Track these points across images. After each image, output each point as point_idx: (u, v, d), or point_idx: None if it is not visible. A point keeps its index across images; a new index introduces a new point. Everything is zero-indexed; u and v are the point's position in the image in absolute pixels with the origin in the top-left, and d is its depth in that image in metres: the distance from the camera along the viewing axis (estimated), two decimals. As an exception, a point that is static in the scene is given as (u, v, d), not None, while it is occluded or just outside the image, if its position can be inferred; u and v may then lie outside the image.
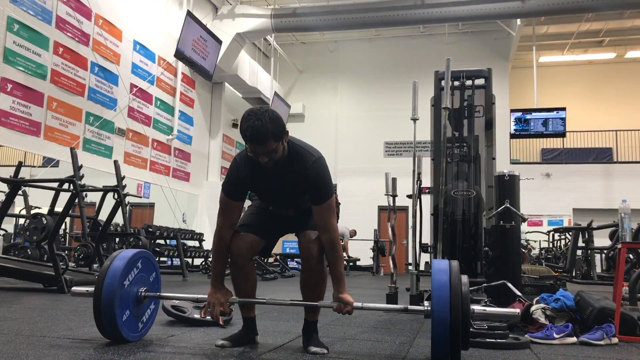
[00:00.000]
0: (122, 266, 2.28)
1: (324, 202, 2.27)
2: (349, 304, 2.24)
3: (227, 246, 2.34)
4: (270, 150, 2.14)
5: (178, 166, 11.67)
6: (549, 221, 14.45)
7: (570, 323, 2.92)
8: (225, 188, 2.33)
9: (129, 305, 2.32)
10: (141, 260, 2.42)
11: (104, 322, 2.24)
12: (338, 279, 2.31)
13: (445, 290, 2.03)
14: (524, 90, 15.99)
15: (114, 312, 2.21)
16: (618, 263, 3.22)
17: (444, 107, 4.38)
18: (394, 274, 4.44)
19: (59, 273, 4.77)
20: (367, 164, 15.20)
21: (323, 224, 2.29)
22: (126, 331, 2.29)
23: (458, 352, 2.05)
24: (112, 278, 2.25)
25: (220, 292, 2.33)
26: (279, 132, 2.14)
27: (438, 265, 2.16)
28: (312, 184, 2.27)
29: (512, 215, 4.36)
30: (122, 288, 2.27)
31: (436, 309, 2.02)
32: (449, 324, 1.99)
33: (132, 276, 2.34)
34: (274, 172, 2.27)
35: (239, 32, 12.24)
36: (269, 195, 2.42)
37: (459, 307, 2.00)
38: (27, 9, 7.50)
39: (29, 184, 5.91)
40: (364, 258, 12.91)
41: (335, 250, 2.30)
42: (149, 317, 2.50)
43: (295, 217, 2.48)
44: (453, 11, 11.50)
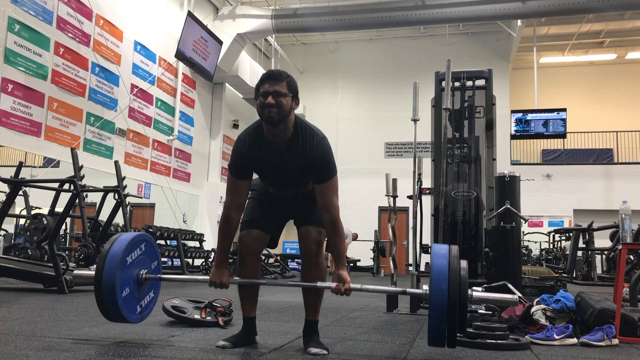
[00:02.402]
0: (124, 244, 2.30)
1: (327, 181, 2.30)
2: (346, 281, 2.23)
3: (234, 227, 2.37)
4: (281, 93, 2.20)
5: (178, 167, 11.67)
6: (550, 222, 14.45)
7: (570, 324, 2.92)
8: (231, 167, 2.36)
9: (129, 283, 2.32)
10: (144, 243, 2.45)
11: (105, 297, 2.22)
12: (338, 256, 2.33)
13: (443, 274, 2.04)
14: (525, 91, 15.99)
15: (115, 286, 2.21)
16: (618, 264, 3.22)
17: (444, 108, 4.38)
18: (394, 274, 4.43)
19: (59, 273, 4.77)
20: (367, 165, 15.20)
21: (325, 202, 2.30)
22: (125, 309, 2.29)
23: (454, 335, 2.06)
24: (114, 255, 2.26)
25: (223, 272, 2.35)
26: (294, 87, 2.27)
27: (437, 249, 2.16)
28: (317, 162, 2.28)
29: (513, 216, 4.36)
30: (124, 265, 2.28)
31: (434, 292, 2.02)
32: (446, 306, 1.99)
33: (134, 256, 2.36)
34: (278, 148, 2.30)
35: (240, 32, 12.24)
36: (271, 174, 2.41)
37: (456, 290, 2.01)
38: (28, 9, 7.51)
39: (30, 184, 5.91)
40: (364, 259, 12.91)
41: (336, 229, 2.31)
42: (148, 302, 2.50)
43: (295, 202, 2.48)
44: (454, 12, 11.50)
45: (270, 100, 2.19)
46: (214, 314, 3.07)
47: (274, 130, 2.27)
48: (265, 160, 2.33)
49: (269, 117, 2.21)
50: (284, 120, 2.24)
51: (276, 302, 4.62)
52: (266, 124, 2.27)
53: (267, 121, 2.24)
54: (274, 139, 2.30)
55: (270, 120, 2.22)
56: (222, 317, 3.06)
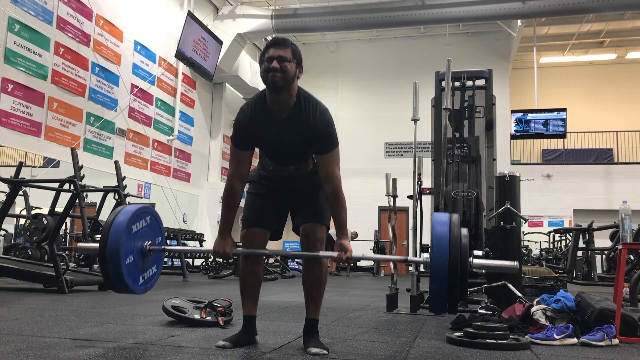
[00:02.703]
0: (130, 213, 2.31)
1: (329, 152, 2.30)
2: (348, 250, 2.25)
3: (237, 197, 2.37)
4: (286, 58, 2.20)
5: (178, 167, 11.68)
6: (550, 222, 14.45)
7: (570, 324, 2.92)
8: (233, 139, 2.36)
9: (133, 252, 2.32)
10: (149, 216, 2.45)
11: (109, 263, 2.22)
12: (341, 227, 2.34)
13: (444, 241, 2.04)
14: (525, 91, 15.99)
15: (119, 252, 2.21)
16: (619, 264, 3.22)
17: (444, 108, 4.38)
18: (394, 274, 4.43)
19: (59, 273, 4.77)
20: (367, 165, 15.20)
21: (327, 173, 2.31)
22: (129, 278, 2.28)
23: (456, 302, 2.06)
24: (120, 222, 2.27)
25: (227, 241, 2.36)
26: (298, 54, 2.28)
27: (438, 217, 2.17)
28: (320, 131, 2.28)
29: (513, 216, 4.37)
30: (129, 233, 2.28)
31: (435, 258, 2.03)
32: (447, 274, 2.00)
33: (139, 226, 2.36)
34: (280, 116, 2.29)
35: (240, 32, 12.24)
36: (272, 146, 2.39)
37: (457, 257, 2.01)
38: (28, 9, 7.51)
39: (30, 184, 5.91)
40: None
41: (338, 200, 2.33)
42: (151, 275, 2.49)
43: (294, 191, 2.46)
44: (454, 12, 11.51)
45: (275, 64, 2.18)
46: (214, 314, 3.07)
47: (277, 98, 2.26)
48: (267, 130, 2.31)
49: (272, 81, 2.19)
50: (288, 86, 2.23)
51: (276, 302, 4.62)
52: (270, 89, 2.25)
53: (271, 86, 2.22)
54: (276, 107, 2.28)
55: (274, 84, 2.20)
56: (222, 317, 3.06)
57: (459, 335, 2.77)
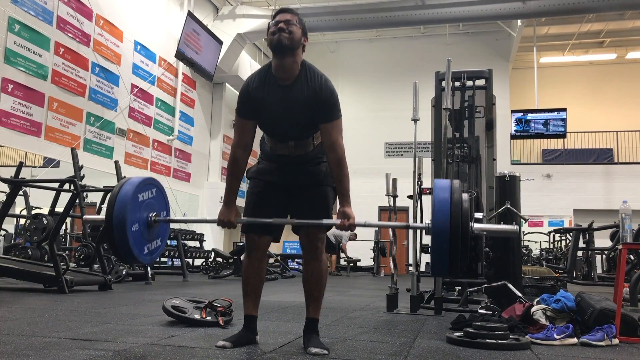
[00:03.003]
0: (137, 183, 2.33)
1: (334, 120, 2.34)
2: (351, 217, 2.29)
3: (241, 166, 2.41)
4: (292, 22, 2.28)
5: (179, 167, 11.68)
6: (550, 222, 14.45)
7: (570, 324, 2.92)
8: (237, 108, 2.41)
9: (139, 221, 2.33)
10: (155, 189, 2.47)
11: (115, 230, 2.23)
12: (343, 195, 2.38)
13: (445, 206, 2.05)
14: (525, 91, 16.00)
15: (125, 219, 2.22)
16: (619, 264, 3.22)
17: (444, 108, 4.38)
18: (394, 274, 4.43)
19: (59, 273, 4.77)
20: (367, 165, 15.19)
21: (331, 141, 2.34)
22: (135, 247, 2.28)
23: (457, 266, 2.07)
24: (126, 190, 2.28)
25: (231, 210, 2.38)
26: (303, 23, 2.36)
27: (440, 183, 2.18)
28: (325, 99, 2.32)
29: (513, 216, 4.36)
30: (136, 201, 2.30)
31: (436, 222, 2.04)
32: (448, 237, 2.01)
33: (145, 196, 2.38)
34: (284, 84, 2.32)
35: (240, 32, 12.24)
36: (274, 116, 2.38)
37: (459, 221, 2.03)
38: (28, 9, 7.51)
39: (30, 184, 5.92)
40: (364, 259, 12.91)
41: (342, 168, 2.39)
42: (156, 247, 2.49)
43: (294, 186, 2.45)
44: (454, 12, 11.51)
45: (282, 25, 2.25)
46: (214, 314, 3.07)
47: (282, 63, 2.28)
48: (271, 96, 2.34)
49: (279, 40, 2.24)
50: (294, 49, 2.27)
51: (276, 302, 4.62)
52: (276, 51, 2.28)
53: (277, 45, 2.25)
54: (281, 74, 2.31)
55: (280, 43, 2.24)
56: (223, 317, 3.06)
57: (459, 335, 2.77)
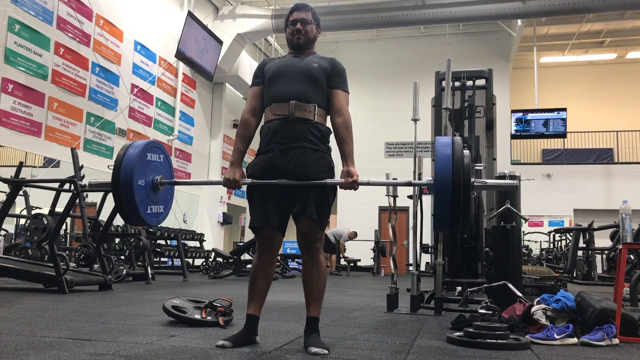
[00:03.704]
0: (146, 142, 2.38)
1: (343, 89, 2.60)
2: (354, 175, 2.37)
3: (250, 129, 2.54)
4: (307, 20, 2.60)
5: (179, 166, 11.68)
6: (550, 222, 14.45)
7: (571, 324, 2.92)
8: (252, 82, 2.64)
9: (145, 177, 2.36)
10: (163, 155, 2.52)
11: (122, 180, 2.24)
12: (347, 155, 2.46)
13: (447, 161, 2.09)
14: (525, 90, 16.00)
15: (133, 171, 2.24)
16: (619, 264, 3.22)
17: (444, 108, 4.38)
18: (394, 274, 4.43)
19: (59, 273, 4.77)
20: (367, 165, 15.12)
21: (339, 105, 2.57)
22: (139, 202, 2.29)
23: (458, 220, 2.11)
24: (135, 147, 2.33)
25: (237, 170, 2.48)
26: (317, 17, 2.69)
27: (441, 140, 2.22)
28: (336, 69, 2.59)
29: (513, 215, 4.36)
30: (144, 158, 2.33)
31: (439, 178, 2.08)
32: (450, 191, 2.04)
33: (153, 158, 2.41)
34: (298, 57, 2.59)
35: (240, 32, 12.24)
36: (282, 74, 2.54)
37: (460, 175, 2.07)
38: (28, 9, 7.51)
39: (30, 184, 5.92)
40: (364, 259, 12.91)
41: (348, 130, 2.54)
42: (159, 212, 2.51)
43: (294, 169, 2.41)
44: (454, 12, 11.50)
45: (299, 26, 2.57)
46: (215, 314, 3.07)
47: (298, 54, 2.62)
48: (284, 62, 2.59)
49: (297, 43, 2.59)
50: (310, 45, 2.64)
51: (276, 302, 4.62)
52: (293, 49, 2.62)
53: (295, 46, 2.61)
54: (298, 53, 2.63)
55: (299, 45, 2.60)
56: (223, 317, 3.06)
57: (459, 335, 2.77)
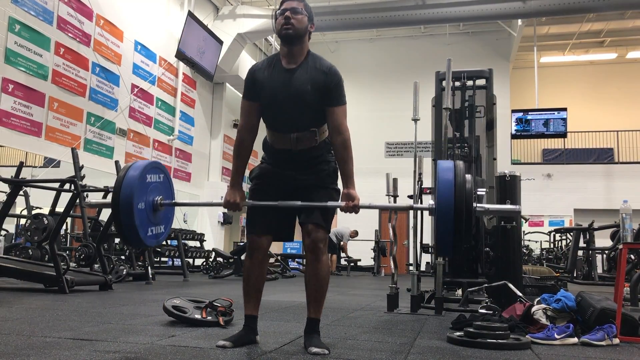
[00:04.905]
0: (145, 164, 2.35)
1: (340, 105, 2.43)
2: (355, 198, 2.33)
3: (247, 147, 2.46)
4: (298, 10, 2.34)
5: (179, 166, 11.68)
6: (550, 222, 14.45)
7: (571, 324, 2.92)
8: (244, 93, 2.48)
9: (145, 200, 2.33)
10: (163, 175, 2.47)
11: (121, 206, 2.22)
12: (348, 176, 2.43)
13: (449, 186, 2.07)
14: (525, 90, 15.99)
15: (132, 195, 2.22)
16: (619, 264, 3.22)
17: (445, 108, 4.38)
18: (394, 274, 4.43)
19: (60, 273, 4.77)
20: (368, 165, 15.14)
21: (337, 124, 2.43)
22: (140, 225, 2.28)
23: (460, 246, 2.09)
24: (135, 169, 2.30)
25: (237, 192, 2.43)
26: (309, 9, 2.42)
27: (443, 164, 2.20)
28: (332, 82, 2.39)
29: (513, 215, 4.36)
30: (143, 181, 2.31)
31: (441, 202, 2.06)
32: (452, 219, 2.03)
33: (152, 179, 2.38)
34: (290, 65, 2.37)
35: (240, 32, 12.24)
36: (277, 100, 2.39)
37: (462, 201, 2.05)
38: (29, 9, 7.51)
39: (30, 184, 5.92)
40: (364, 258, 12.91)
41: (347, 150, 2.46)
42: (160, 232, 2.49)
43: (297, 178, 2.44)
44: (454, 11, 11.50)
45: (288, 14, 2.32)
46: (215, 314, 3.07)
47: (290, 50, 2.37)
48: (274, 80, 2.39)
49: (286, 33, 2.33)
50: (301, 37, 2.36)
51: (277, 302, 4.62)
52: (283, 41, 2.37)
53: (285, 37, 2.34)
54: (288, 58, 2.39)
55: (288, 36, 2.33)
56: (223, 316, 3.06)
57: (460, 334, 2.77)
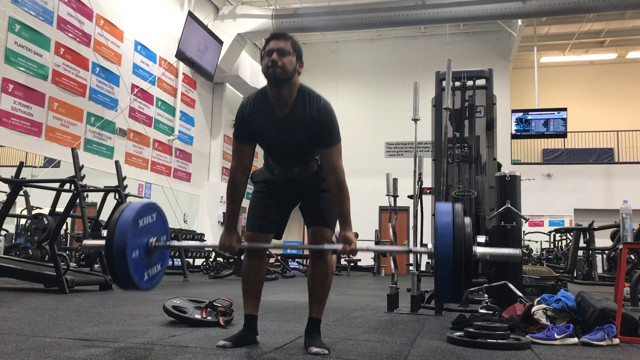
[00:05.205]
0: (137, 208, 2.31)
1: (333, 145, 2.32)
2: (352, 242, 2.27)
3: (240, 191, 2.40)
4: (285, 51, 2.22)
5: (179, 166, 11.68)
6: (550, 221, 14.44)
7: (571, 324, 2.92)
8: (235, 133, 2.39)
9: (139, 247, 2.32)
10: (155, 213, 2.44)
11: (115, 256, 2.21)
12: (344, 218, 2.38)
13: (448, 230, 2.05)
14: (525, 90, 15.99)
15: (125, 246, 2.21)
16: (619, 264, 3.22)
17: (445, 108, 4.38)
18: (394, 274, 4.43)
19: (60, 273, 4.77)
20: (368, 165, 15.20)
21: (331, 166, 2.33)
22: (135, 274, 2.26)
23: (460, 292, 2.07)
24: (127, 216, 2.27)
25: (232, 236, 2.38)
26: (298, 47, 2.30)
27: (442, 207, 2.18)
28: (323, 126, 2.29)
29: (513, 215, 4.36)
30: (136, 227, 2.28)
31: (440, 247, 2.04)
32: (452, 264, 2.01)
33: (145, 222, 2.36)
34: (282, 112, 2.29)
35: (240, 32, 12.25)
36: (274, 142, 2.38)
37: (462, 245, 2.02)
38: (29, 9, 7.51)
39: (30, 184, 5.92)
40: (364, 258, 12.91)
41: (342, 191, 2.37)
42: (156, 274, 2.47)
43: (300, 189, 2.47)
44: (454, 11, 11.50)
45: (274, 57, 2.20)
46: (215, 314, 3.07)
47: (278, 92, 2.26)
48: (268, 124, 2.31)
49: (274, 75, 2.21)
50: (289, 80, 2.24)
51: (277, 302, 4.62)
52: (271, 84, 2.26)
53: (272, 80, 2.23)
54: (278, 102, 2.29)
55: (276, 79, 2.22)
56: (223, 316, 3.06)
57: (460, 335, 2.77)
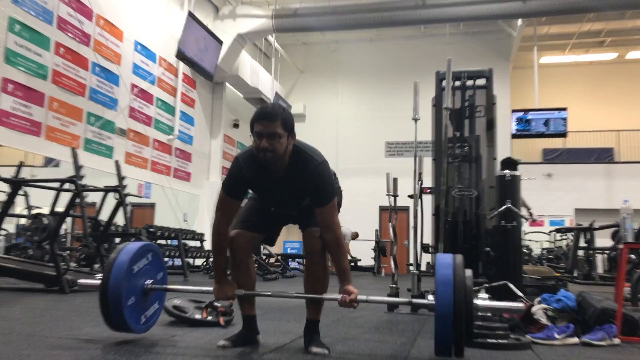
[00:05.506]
0: (131, 253, 2.30)
1: (328, 204, 2.30)
2: (352, 293, 2.25)
3: (226, 241, 2.37)
4: (275, 133, 2.15)
5: (179, 166, 11.67)
6: (551, 221, 14.43)
7: (571, 323, 2.92)
8: (225, 186, 2.33)
9: (135, 292, 2.32)
10: (151, 253, 2.45)
11: (110, 306, 2.22)
12: (343, 273, 2.34)
13: (448, 286, 2.04)
14: (525, 90, 15.97)
15: (120, 295, 2.21)
16: (620, 263, 3.22)
17: (445, 108, 4.38)
18: (395, 274, 4.43)
19: (60, 273, 4.77)
20: (368, 164, 15.19)
21: (326, 223, 2.30)
22: (131, 320, 2.28)
23: (462, 347, 2.05)
24: (121, 263, 2.26)
25: (226, 287, 2.36)
26: (289, 123, 2.21)
27: (442, 259, 2.16)
28: (315, 188, 2.28)
29: (514, 215, 4.36)
30: (130, 274, 2.28)
31: (439, 304, 2.03)
32: (452, 319, 1.99)
33: (140, 265, 2.36)
34: (276, 175, 2.30)
35: (240, 32, 12.24)
36: (270, 197, 2.44)
37: (462, 302, 2.01)
38: (29, 9, 7.50)
39: (30, 184, 5.91)
40: (365, 258, 12.91)
41: (339, 247, 2.33)
42: (153, 313, 2.49)
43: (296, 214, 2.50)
44: (454, 11, 11.49)
45: (264, 144, 2.16)
46: (215, 314, 3.07)
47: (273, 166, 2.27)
48: (264, 184, 2.35)
49: (264, 159, 2.20)
50: (280, 159, 2.23)
51: (277, 302, 4.62)
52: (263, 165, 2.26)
53: (263, 164, 2.23)
54: (272, 168, 2.28)
55: (267, 163, 2.22)
56: (223, 316, 3.06)
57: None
